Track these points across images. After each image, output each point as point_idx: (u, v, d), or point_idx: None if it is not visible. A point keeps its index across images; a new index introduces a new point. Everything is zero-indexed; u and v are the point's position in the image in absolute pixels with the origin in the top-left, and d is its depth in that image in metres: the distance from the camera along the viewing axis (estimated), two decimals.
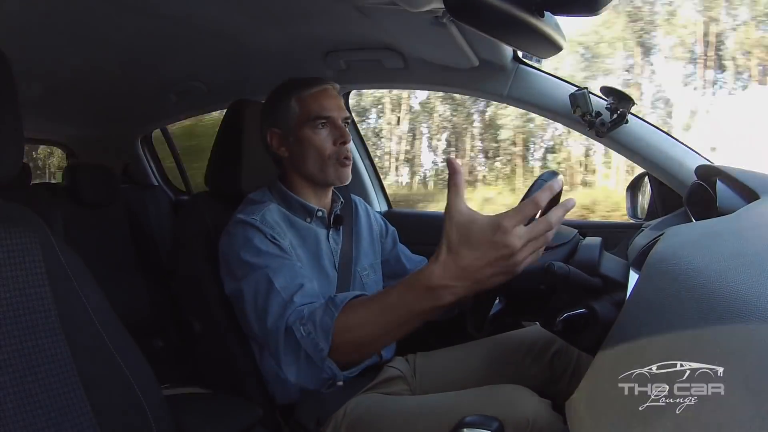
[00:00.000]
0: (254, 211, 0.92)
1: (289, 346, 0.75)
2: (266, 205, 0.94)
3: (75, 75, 1.43)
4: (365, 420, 0.89)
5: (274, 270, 0.83)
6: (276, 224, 0.91)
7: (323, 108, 0.95)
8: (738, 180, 0.80)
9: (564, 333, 0.77)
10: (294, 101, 0.96)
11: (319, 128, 0.95)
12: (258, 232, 0.88)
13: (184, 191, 2.30)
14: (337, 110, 0.96)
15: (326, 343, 0.71)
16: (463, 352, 1.07)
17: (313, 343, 0.72)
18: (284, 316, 0.77)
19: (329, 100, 0.96)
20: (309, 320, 0.73)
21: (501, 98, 1.18)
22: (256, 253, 0.86)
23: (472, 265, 0.57)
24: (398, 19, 0.93)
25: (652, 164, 1.08)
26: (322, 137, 0.95)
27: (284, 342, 0.75)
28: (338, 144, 0.95)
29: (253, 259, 0.85)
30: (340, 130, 0.96)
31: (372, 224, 1.14)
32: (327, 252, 0.99)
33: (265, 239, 0.87)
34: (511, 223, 0.55)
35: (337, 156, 0.96)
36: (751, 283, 0.38)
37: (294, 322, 0.75)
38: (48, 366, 0.64)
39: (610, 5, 0.61)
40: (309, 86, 0.97)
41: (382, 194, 1.57)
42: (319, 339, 0.71)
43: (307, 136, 0.95)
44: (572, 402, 0.48)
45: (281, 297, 0.79)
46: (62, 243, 0.69)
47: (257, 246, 0.86)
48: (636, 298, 0.53)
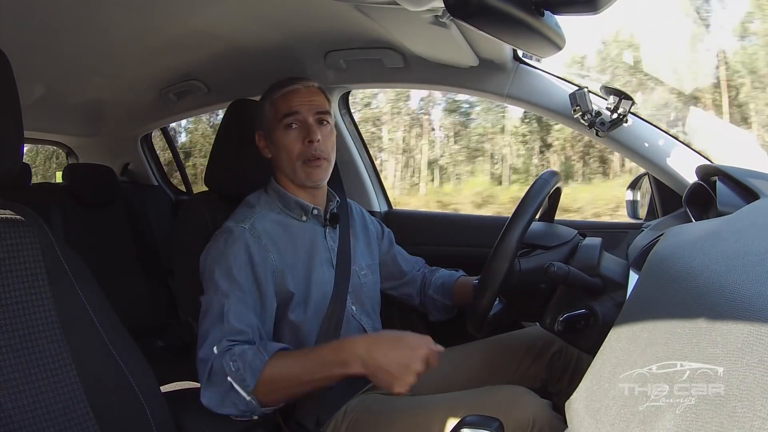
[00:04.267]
0: (245, 218, 0.92)
1: (216, 375, 0.80)
2: (258, 212, 0.94)
3: (75, 75, 1.43)
4: (365, 420, 0.88)
5: (230, 304, 0.85)
6: (264, 233, 0.91)
7: (290, 107, 0.94)
8: (738, 180, 0.80)
9: (564, 333, 0.77)
10: (268, 104, 0.97)
11: (290, 128, 0.95)
12: (241, 242, 0.89)
13: (184, 191, 2.30)
14: (306, 107, 0.95)
15: (252, 381, 0.78)
16: (463, 352, 1.06)
17: (240, 378, 0.78)
18: (217, 348, 0.81)
19: (298, 98, 0.95)
20: (239, 358, 0.79)
21: (501, 98, 1.17)
22: (226, 274, 0.87)
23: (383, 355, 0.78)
24: (398, 18, 0.93)
25: (652, 164, 1.07)
26: (291, 138, 0.94)
27: (210, 372, 0.80)
28: (306, 142, 0.94)
29: (220, 281, 0.86)
30: (308, 128, 0.94)
31: (368, 225, 1.14)
32: (324, 250, 0.99)
33: (235, 259, 0.88)
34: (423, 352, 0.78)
35: (305, 156, 0.94)
36: (751, 283, 0.38)
37: (224, 356, 0.80)
38: (48, 366, 0.64)
39: (612, 4, 0.61)
40: (280, 87, 0.97)
41: (382, 194, 1.57)
42: (246, 376, 0.78)
43: (278, 137, 0.96)
44: (572, 402, 0.48)
45: (221, 331, 0.82)
46: (62, 243, 0.69)
47: (229, 267, 0.87)
48: (636, 298, 0.53)
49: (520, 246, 0.80)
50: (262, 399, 0.79)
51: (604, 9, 0.61)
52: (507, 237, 0.77)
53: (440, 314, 1.12)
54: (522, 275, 0.83)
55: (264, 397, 0.79)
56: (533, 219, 0.80)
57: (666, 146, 1.06)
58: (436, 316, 1.13)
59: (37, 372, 0.63)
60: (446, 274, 1.13)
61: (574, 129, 1.13)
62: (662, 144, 1.06)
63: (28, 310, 0.64)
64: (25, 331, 0.64)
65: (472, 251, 1.27)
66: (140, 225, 2.01)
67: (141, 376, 0.71)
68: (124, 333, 0.72)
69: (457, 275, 1.13)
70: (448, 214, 1.83)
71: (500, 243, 0.77)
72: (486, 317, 0.79)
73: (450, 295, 1.10)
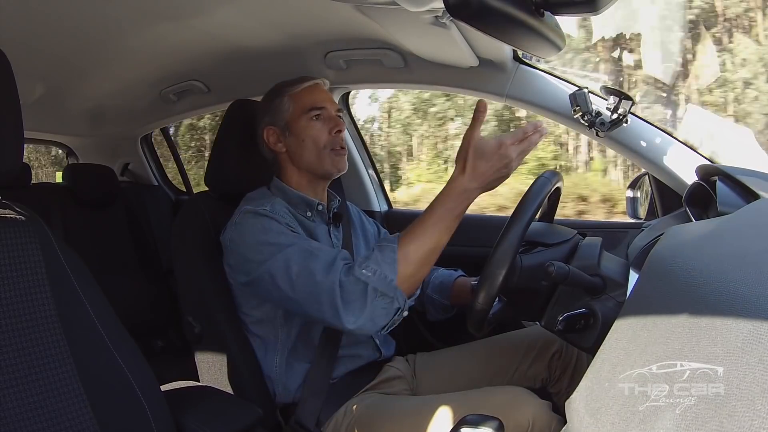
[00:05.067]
0: (263, 203, 0.92)
1: (352, 292, 0.79)
2: (272, 199, 0.95)
3: (75, 75, 1.43)
4: (365, 420, 0.89)
5: (303, 245, 0.85)
6: (286, 214, 0.92)
7: (316, 100, 0.99)
8: (738, 180, 0.79)
9: (564, 332, 0.77)
10: (287, 98, 1.00)
11: (313, 120, 0.98)
12: (272, 220, 0.89)
13: (184, 191, 2.30)
14: (329, 102, 1.00)
15: (393, 274, 0.80)
16: (463, 352, 1.07)
17: (381, 277, 0.79)
18: (333, 271, 0.81)
19: (321, 93, 1.00)
20: (370, 261, 0.80)
21: (501, 98, 1.17)
22: (277, 234, 0.87)
23: (485, 172, 0.80)
24: (398, 18, 0.93)
25: (652, 164, 1.07)
26: (317, 128, 0.98)
27: (344, 291, 0.80)
28: (333, 133, 0.98)
29: (277, 239, 0.86)
30: (334, 120, 0.99)
31: (366, 225, 1.15)
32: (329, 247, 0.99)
33: (280, 226, 0.88)
34: (509, 140, 0.79)
35: (333, 145, 0.98)
36: (751, 283, 0.38)
37: (352, 269, 0.80)
38: (48, 366, 0.64)
39: (612, 4, 0.61)
40: (301, 82, 1.01)
41: (382, 194, 1.57)
42: (386, 272, 0.79)
43: (302, 128, 0.98)
44: (572, 401, 0.48)
45: (323, 259, 0.83)
46: (62, 243, 0.70)
47: (276, 230, 0.87)
48: (636, 298, 0.53)
49: (521, 244, 0.80)
50: (406, 288, 0.81)
51: (605, 9, 0.61)
52: (508, 235, 0.77)
53: (438, 314, 1.12)
54: (523, 272, 0.83)
55: (407, 285, 0.81)
56: (534, 217, 0.80)
57: (666, 146, 1.06)
58: (434, 315, 1.13)
59: (38, 372, 0.63)
60: (445, 274, 1.13)
61: (575, 129, 1.13)
62: (662, 144, 1.06)
63: (28, 310, 0.64)
64: (25, 331, 0.64)
65: (471, 251, 1.26)
66: (140, 225, 2.01)
67: (141, 375, 0.71)
68: (124, 333, 0.72)
69: (455, 275, 1.13)
70: None
71: (501, 241, 0.77)
72: (486, 317, 0.79)
73: (448, 294, 1.10)
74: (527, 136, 0.80)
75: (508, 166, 0.80)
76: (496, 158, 0.79)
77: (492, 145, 0.79)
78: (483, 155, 0.79)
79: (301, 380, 0.93)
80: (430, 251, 0.82)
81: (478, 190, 0.81)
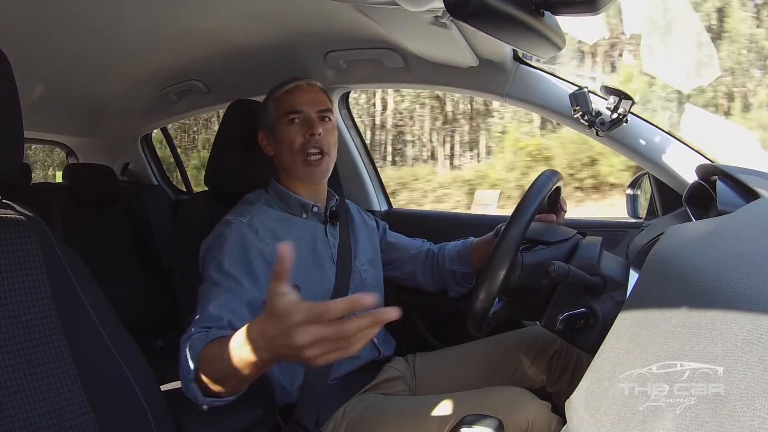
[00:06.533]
0: (243, 213, 0.94)
1: (180, 362, 0.74)
2: (258, 208, 0.95)
3: (75, 75, 1.43)
4: (364, 420, 0.89)
5: (217, 294, 0.83)
6: (263, 227, 0.92)
7: (294, 103, 0.98)
8: (738, 180, 0.79)
9: (564, 332, 0.77)
10: (272, 101, 1.01)
11: (292, 123, 0.98)
12: (237, 235, 0.89)
13: (184, 191, 2.30)
14: (309, 105, 0.98)
15: (193, 368, 0.71)
16: (463, 352, 1.06)
17: (186, 366, 0.72)
18: (185, 336, 0.76)
19: (301, 96, 0.99)
20: (191, 343, 0.74)
21: (501, 98, 1.17)
22: (219, 266, 0.86)
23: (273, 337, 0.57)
24: (398, 18, 0.93)
25: (652, 164, 1.07)
26: (293, 132, 0.97)
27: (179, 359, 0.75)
28: (308, 136, 0.96)
29: (213, 272, 0.86)
30: (309, 122, 0.97)
31: (366, 222, 1.15)
32: (325, 247, 1.00)
33: (234, 251, 0.88)
34: (300, 317, 0.54)
35: (306, 149, 0.96)
36: (751, 283, 0.38)
37: (185, 343, 0.75)
38: (48, 365, 0.64)
39: (612, 4, 0.61)
40: (283, 85, 1.01)
41: (382, 194, 1.57)
42: (191, 362, 0.72)
43: (280, 131, 0.98)
44: (572, 401, 0.48)
45: (197, 321, 0.79)
46: (62, 243, 0.69)
47: (223, 259, 0.87)
48: (636, 297, 0.53)
49: (522, 242, 0.80)
50: (203, 388, 0.71)
51: (605, 9, 0.61)
52: (509, 234, 0.77)
53: (461, 286, 1.11)
54: (524, 269, 0.83)
55: (205, 386, 0.71)
56: (534, 216, 0.80)
57: (666, 145, 1.06)
58: (456, 290, 1.12)
59: (38, 372, 0.63)
60: (458, 244, 1.13)
61: (575, 129, 1.13)
62: (662, 143, 1.06)
63: (29, 310, 0.64)
64: (25, 331, 0.64)
65: None
66: (140, 225, 2.01)
67: (141, 375, 0.71)
68: (124, 333, 0.72)
69: (470, 240, 1.12)
70: (447, 213, 1.84)
71: (502, 239, 0.77)
72: (486, 316, 0.79)
73: (468, 261, 1.09)
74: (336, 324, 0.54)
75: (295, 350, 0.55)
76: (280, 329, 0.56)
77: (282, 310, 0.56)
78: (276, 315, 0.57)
79: (300, 381, 0.93)
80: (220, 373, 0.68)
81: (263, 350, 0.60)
